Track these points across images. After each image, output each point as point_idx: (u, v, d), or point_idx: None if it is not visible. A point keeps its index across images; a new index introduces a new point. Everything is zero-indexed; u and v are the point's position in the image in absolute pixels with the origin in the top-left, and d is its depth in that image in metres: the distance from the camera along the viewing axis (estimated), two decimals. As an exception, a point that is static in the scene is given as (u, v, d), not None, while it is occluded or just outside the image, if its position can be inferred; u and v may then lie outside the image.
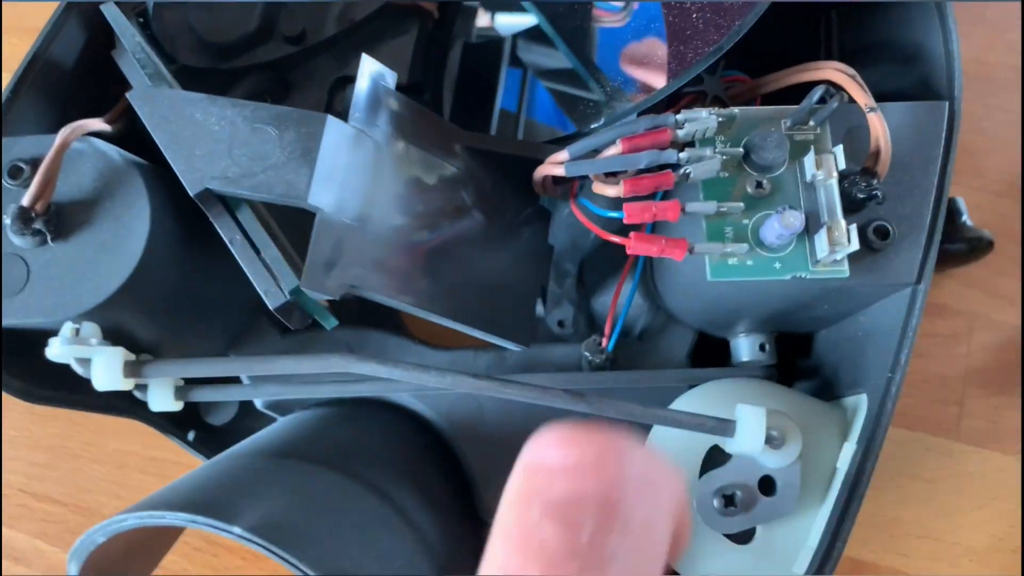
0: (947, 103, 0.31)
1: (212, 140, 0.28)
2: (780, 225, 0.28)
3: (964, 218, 0.41)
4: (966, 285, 0.43)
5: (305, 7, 0.42)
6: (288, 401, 0.36)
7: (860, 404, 0.31)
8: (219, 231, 0.29)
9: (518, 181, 0.34)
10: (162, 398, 0.32)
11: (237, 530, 0.24)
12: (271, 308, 0.28)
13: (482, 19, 0.46)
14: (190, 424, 0.38)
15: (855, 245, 0.28)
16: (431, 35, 0.45)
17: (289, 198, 0.27)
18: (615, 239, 0.29)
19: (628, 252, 0.29)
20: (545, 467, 0.19)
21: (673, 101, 0.37)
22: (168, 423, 0.37)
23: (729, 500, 0.29)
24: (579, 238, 0.40)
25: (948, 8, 0.32)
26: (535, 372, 0.36)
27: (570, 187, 0.33)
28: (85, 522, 0.40)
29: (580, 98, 0.38)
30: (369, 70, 0.30)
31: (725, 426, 0.29)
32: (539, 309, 0.40)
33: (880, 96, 0.32)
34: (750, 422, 0.28)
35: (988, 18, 0.46)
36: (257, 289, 0.28)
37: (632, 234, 0.29)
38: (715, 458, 0.31)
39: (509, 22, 0.45)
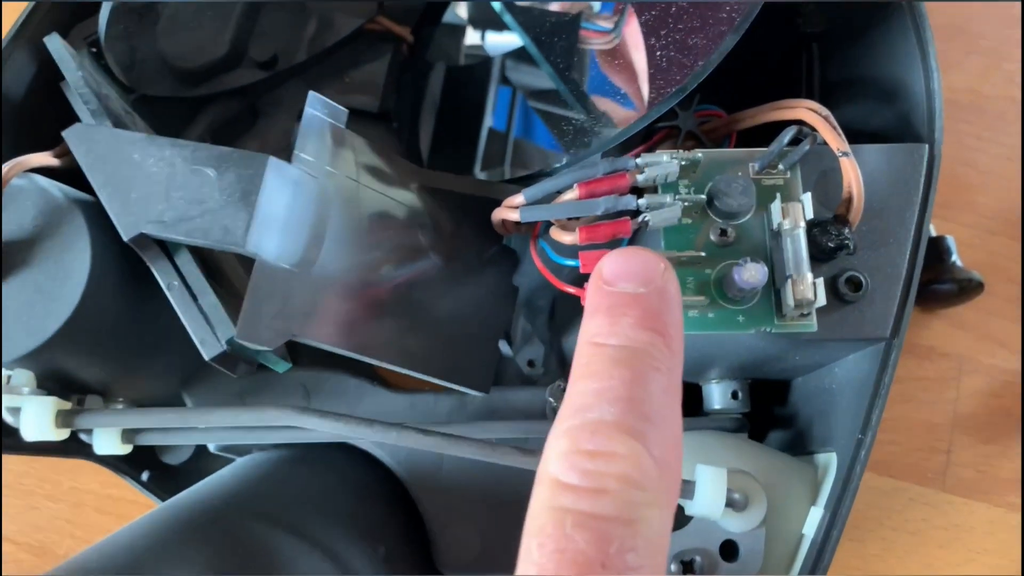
0: (927, 146, 0.30)
1: (149, 182, 0.27)
2: (741, 279, 0.26)
3: (954, 258, 0.40)
4: (956, 327, 0.41)
5: (278, 31, 0.41)
6: (239, 446, 0.35)
7: (830, 464, 0.29)
8: (156, 276, 0.28)
9: (480, 220, 0.32)
10: (107, 442, 0.31)
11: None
12: (206, 359, 0.27)
13: (471, 38, 0.45)
14: (145, 464, 0.37)
15: (821, 301, 0.26)
16: (406, 60, 0.44)
17: (226, 244, 0.26)
18: (569, 289, 0.28)
19: (584, 304, 0.27)
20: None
21: (648, 135, 0.36)
22: (121, 463, 0.36)
23: (688, 566, 0.28)
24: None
25: (930, 44, 0.31)
26: (496, 418, 0.35)
27: (533, 226, 0.32)
28: (39, 563, 0.39)
29: (567, 119, 0.37)
30: (316, 106, 0.29)
31: (684, 487, 0.27)
32: (507, 349, 0.38)
33: (859, 135, 0.30)
34: (710, 483, 0.27)
35: (983, 47, 0.44)
36: (193, 338, 0.27)
37: (586, 285, 0.27)
38: (676, 519, 0.29)
39: (498, 41, 0.44)
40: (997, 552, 0.38)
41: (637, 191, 0.28)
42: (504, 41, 0.43)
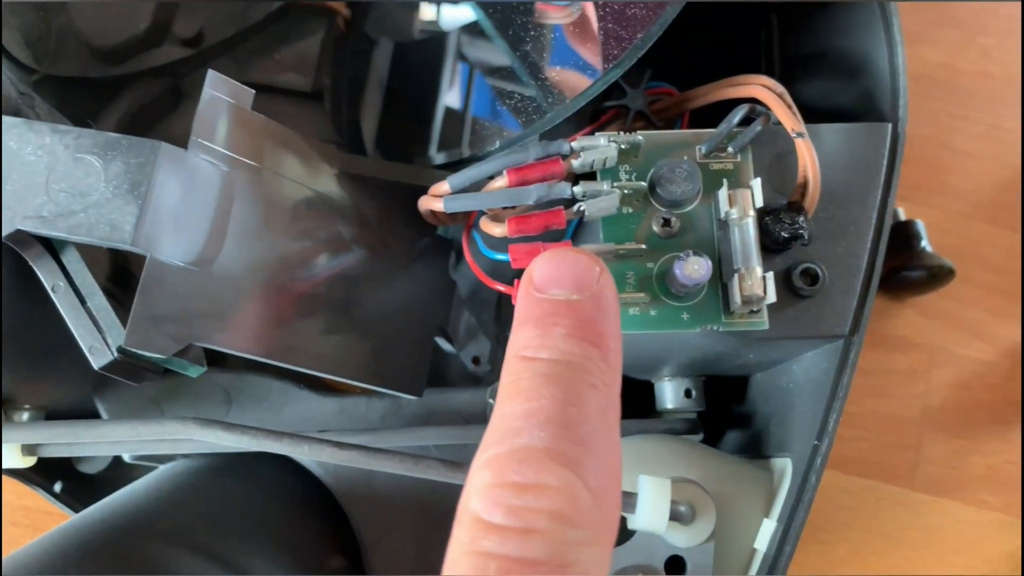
0: (890, 125, 0.27)
1: (27, 172, 0.24)
2: (682, 275, 0.24)
3: (924, 243, 0.38)
4: (927, 316, 0.39)
5: (204, 5, 0.38)
6: (156, 456, 0.32)
7: (785, 471, 0.27)
8: (40, 277, 0.25)
9: (410, 209, 0.30)
10: (8, 454, 0.28)
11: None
12: (95, 368, 0.24)
13: (426, 12, 0.42)
14: (59, 474, 0.34)
15: (771, 297, 0.24)
16: (342, 36, 0.41)
17: (113, 241, 0.24)
18: (500, 288, 0.26)
19: (515, 303, 0.25)
20: None
21: (595, 116, 0.33)
22: (33, 474, 0.34)
23: (630, 585, 0.26)
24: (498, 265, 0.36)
25: (894, 15, 0.28)
26: (434, 422, 0.32)
27: (468, 216, 0.29)
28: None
29: (522, 97, 0.34)
30: (217, 86, 0.26)
31: (625, 500, 0.25)
32: (450, 346, 0.36)
33: (821, 113, 0.28)
34: (652, 496, 0.25)
35: (957, 19, 0.42)
36: (80, 345, 0.24)
37: (516, 282, 0.25)
38: (620, 533, 0.27)
39: (454, 16, 0.41)
40: (969, 553, 0.37)
41: (574, 178, 0.26)
42: (460, 15, 0.40)
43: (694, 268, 0.24)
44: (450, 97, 0.40)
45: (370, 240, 0.29)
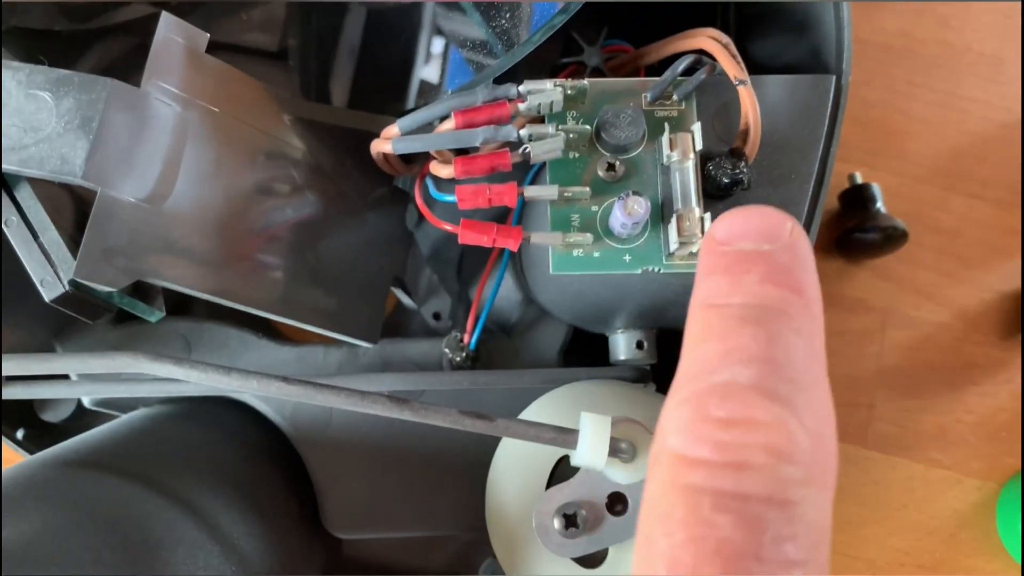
0: (834, 77, 0.28)
1: (-21, 108, 0.25)
2: (622, 213, 0.24)
3: (879, 204, 0.38)
4: (881, 278, 0.39)
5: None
6: (120, 400, 0.33)
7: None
8: (-8, 211, 0.25)
9: (365, 158, 0.30)
10: (-34, 395, 0.29)
11: (-37, 559, 0.20)
12: (47, 300, 0.25)
13: None
14: (21, 421, 0.35)
15: (709, 237, 0.24)
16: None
17: (63, 174, 0.24)
18: (447, 227, 0.26)
19: (459, 241, 0.26)
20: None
21: (554, 73, 0.34)
22: (-7, 419, 0.34)
23: (571, 520, 0.26)
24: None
25: (841, -29, 0.29)
26: (391, 370, 0.33)
27: (422, 165, 0.30)
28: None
29: (477, 42, 0.34)
30: (170, 28, 0.26)
31: (566, 436, 0.26)
32: (409, 301, 0.36)
33: (772, 69, 0.28)
34: (592, 432, 0.25)
35: (918, -12, 0.42)
36: (32, 278, 0.25)
37: (462, 221, 0.25)
38: (566, 472, 0.28)
39: None
40: (917, 508, 0.37)
41: (522, 122, 0.26)
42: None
43: (633, 207, 0.24)
44: (426, 71, 0.41)
45: (325, 187, 0.30)
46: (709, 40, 0.28)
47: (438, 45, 0.41)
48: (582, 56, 0.33)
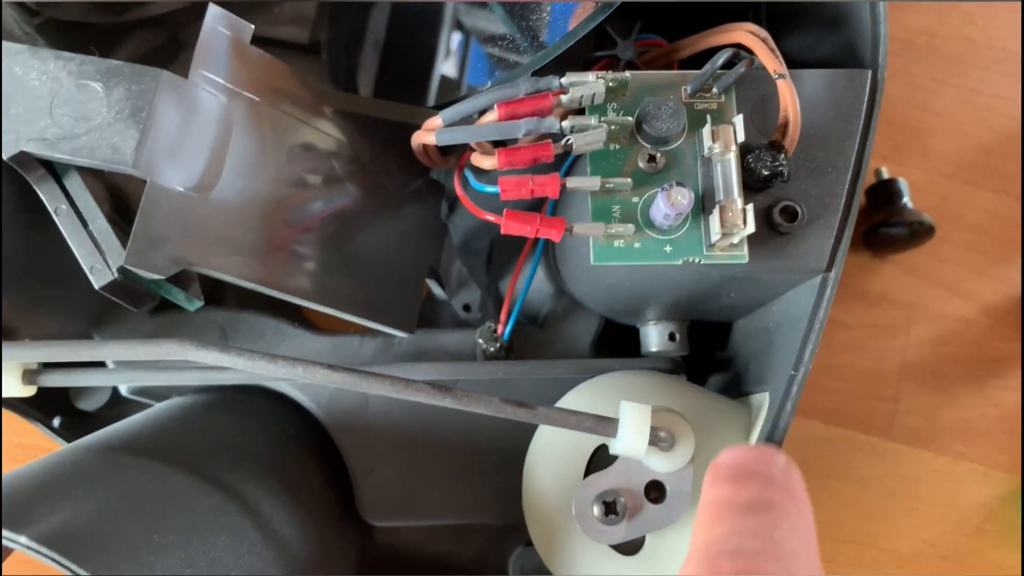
0: (869, 72, 0.28)
1: (31, 97, 0.25)
2: (665, 204, 0.24)
3: (905, 200, 0.39)
4: (907, 272, 0.40)
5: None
6: (157, 388, 0.33)
7: (763, 403, 0.28)
8: (43, 199, 0.26)
9: (403, 150, 0.30)
10: (8, 382, 0.29)
11: (23, 539, 0.21)
12: (96, 287, 0.25)
13: None
14: (57, 409, 0.35)
15: (750, 227, 0.25)
16: (340, -7, 0.41)
17: (114, 163, 0.24)
18: (489, 217, 0.26)
19: (502, 232, 0.26)
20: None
21: (587, 66, 0.34)
22: (31, 408, 0.34)
23: (610, 507, 0.26)
24: (489, 215, 0.37)
25: (877, -34, 0.29)
26: (424, 360, 0.33)
27: (460, 157, 0.30)
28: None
29: (512, 39, 0.35)
30: (217, 20, 0.26)
31: (606, 425, 0.26)
32: (441, 292, 0.37)
33: (804, 64, 0.29)
34: (633, 421, 0.25)
35: (942, -15, 0.43)
36: (82, 265, 0.25)
37: (506, 211, 0.26)
38: (603, 460, 0.28)
39: None
40: (941, 502, 0.38)
41: (563, 114, 0.27)
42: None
43: (677, 198, 0.24)
44: (447, 66, 0.41)
45: (364, 179, 0.30)
46: (747, 34, 0.28)
47: (457, 41, 0.41)
48: (615, 50, 0.33)
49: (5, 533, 0.21)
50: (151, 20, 0.38)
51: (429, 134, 0.27)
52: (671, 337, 0.33)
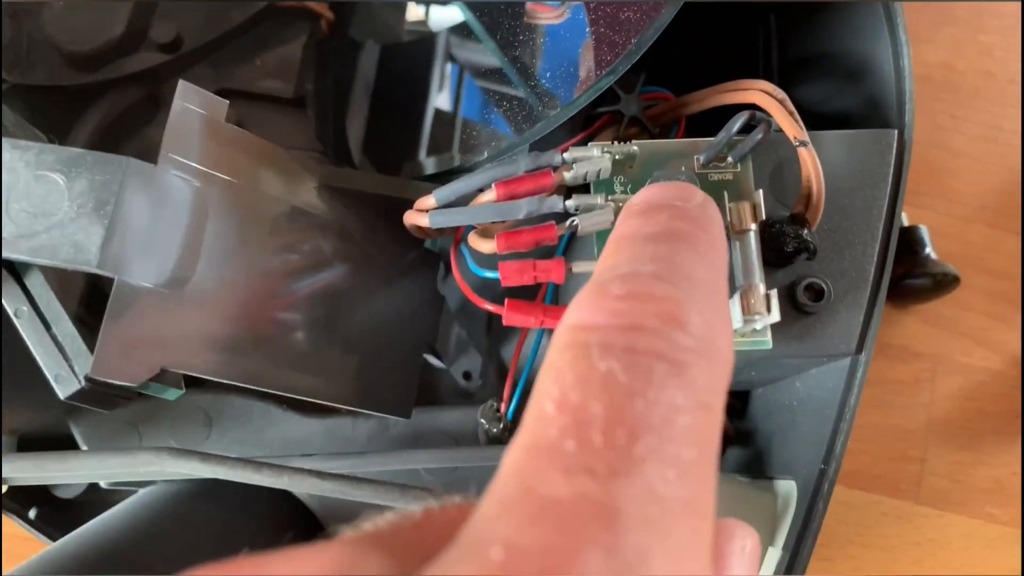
0: (896, 132, 0.26)
1: (-15, 191, 0.23)
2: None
3: (928, 250, 0.36)
4: (929, 323, 0.38)
5: (181, 8, 0.37)
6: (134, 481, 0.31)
7: (791, 496, 0.26)
8: (2, 302, 0.23)
9: (395, 222, 0.28)
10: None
11: None
12: (61, 397, 0.23)
13: (413, 13, 0.41)
14: (33, 500, 0.33)
15: (775, 316, 0.23)
16: (325, 39, 0.40)
17: (77, 263, 0.22)
18: (489, 307, 0.24)
19: (504, 324, 0.24)
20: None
21: (588, 122, 0.32)
22: (6, 499, 0.32)
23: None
24: (488, 276, 0.35)
25: (899, 15, 0.27)
26: (423, 443, 0.31)
27: (456, 229, 0.28)
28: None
29: (515, 99, 0.33)
30: (188, 97, 0.24)
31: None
32: (439, 363, 0.34)
33: (821, 118, 0.27)
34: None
35: (958, 17, 0.41)
36: (46, 373, 0.23)
37: (508, 302, 0.24)
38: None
39: (443, 16, 0.40)
40: (975, 568, 0.36)
41: (566, 191, 0.25)
42: (449, 16, 0.39)
43: (694, 287, 0.22)
44: (440, 100, 0.39)
45: (354, 255, 0.28)
46: (763, 95, 0.26)
47: (450, 73, 0.39)
48: (619, 105, 0.31)
49: None
50: (126, 78, 0.36)
51: (422, 215, 0.25)
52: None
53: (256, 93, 0.37)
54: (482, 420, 0.31)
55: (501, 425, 0.30)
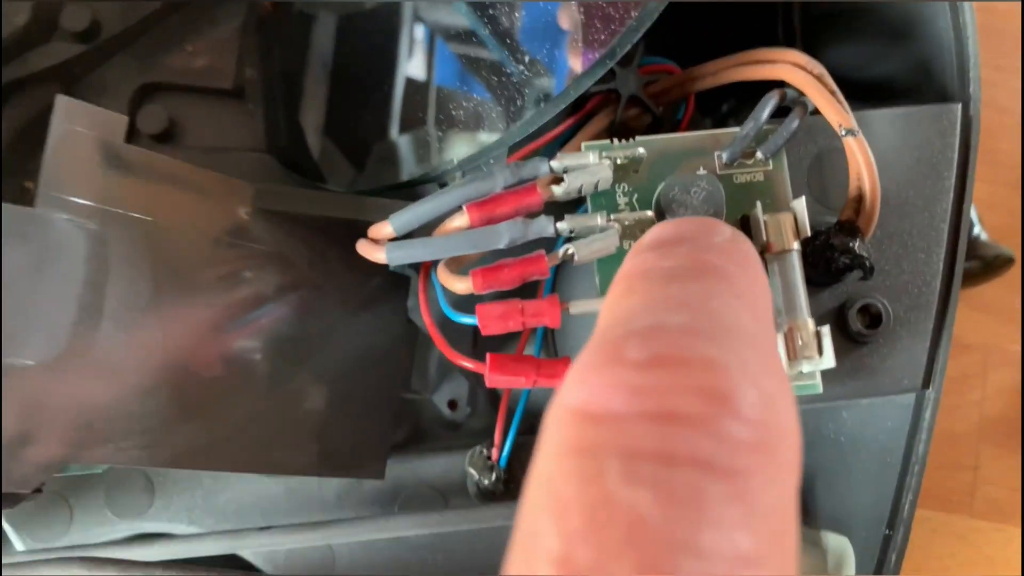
0: (959, 105, 0.21)
1: None
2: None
3: (978, 230, 0.32)
4: (977, 309, 0.33)
5: (96, -8, 0.32)
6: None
7: (844, 557, 0.21)
8: None
9: (350, 247, 0.23)
10: None
11: None
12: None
13: None
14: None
15: (829, 361, 0.18)
16: (267, 18, 0.34)
17: (-63, 346, 0.17)
18: (466, 364, 0.20)
19: (488, 386, 0.19)
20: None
21: (578, 105, 0.27)
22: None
23: None
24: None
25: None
26: (401, 499, 0.26)
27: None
28: None
29: (492, 65, 0.28)
30: (70, 118, 0.19)
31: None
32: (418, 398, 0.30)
33: (859, 89, 0.22)
34: None
35: (996, -48, 0.35)
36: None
37: (490, 359, 0.19)
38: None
39: None
40: (1039, 585, 0.32)
41: (556, 209, 0.20)
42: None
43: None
44: (411, 67, 0.34)
45: (303, 292, 0.23)
46: (793, 69, 0.21)
47: (421, 36, 0.34)
48: (613, 83, 0.26)
49: None
50: (37, 75, 0.31)
51: (378, 249, 0.20)
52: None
53: (188, 86, 0.32)
54: (471, 470, 0.26)
55: (494, 476, 0.26)
